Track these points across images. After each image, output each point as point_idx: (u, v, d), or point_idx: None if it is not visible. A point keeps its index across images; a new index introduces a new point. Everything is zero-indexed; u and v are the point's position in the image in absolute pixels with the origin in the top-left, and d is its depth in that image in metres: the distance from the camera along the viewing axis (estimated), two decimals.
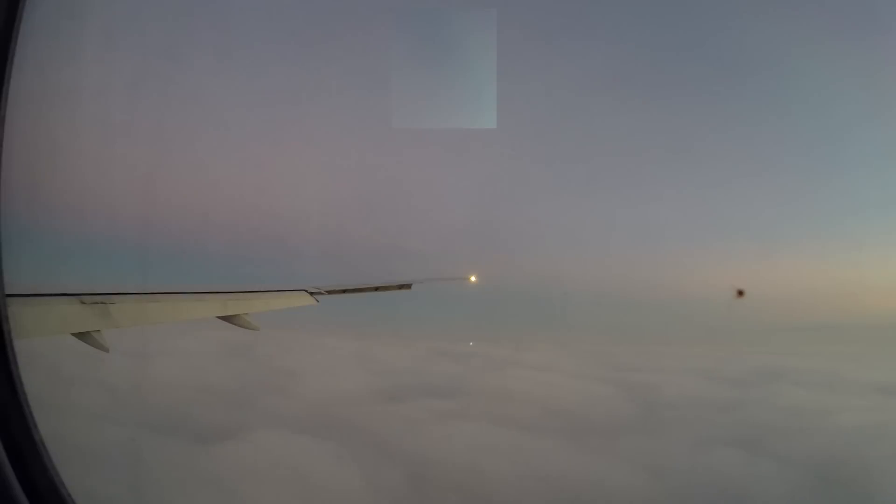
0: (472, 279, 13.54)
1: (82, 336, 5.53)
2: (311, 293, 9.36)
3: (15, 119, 3.09)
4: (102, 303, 5.79)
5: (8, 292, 3.14)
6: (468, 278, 13.58)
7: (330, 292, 9.81)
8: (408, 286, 11.34)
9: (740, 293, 14.53)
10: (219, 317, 7.58)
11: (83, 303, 5.62)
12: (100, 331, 5.63)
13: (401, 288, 11.28)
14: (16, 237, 3.38)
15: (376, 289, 10.96)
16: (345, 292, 10.28)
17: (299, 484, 19.08)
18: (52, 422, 3.14)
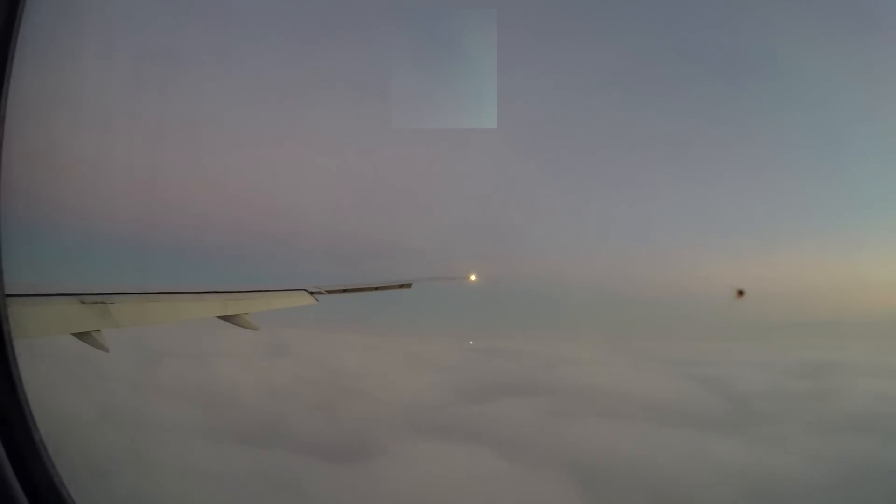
0: (473, 278, 13.55)
1: (82, 336, 5.53)
2: (312, 293, 9.37)
3: (15, 119, 3.09)
4: (102, 303, 5.80)
5: (8, 292, 3.14)
6: (468, 277, 13.58)
7: (330, 292, 9.81)
8: (408, 285, 11.34)
9: (740, 293, 14.52)
10: (219, 317, 7.59)
11: (83, 303, 5.62)
12: (100, 331, 5.64)
13: (401, 287, 11.29)
14: (16, 237, 3.38)
15: (376, 288, 10.97)
16: (345, 292, 10.28)
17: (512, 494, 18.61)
18: (52, 422, 3.14)
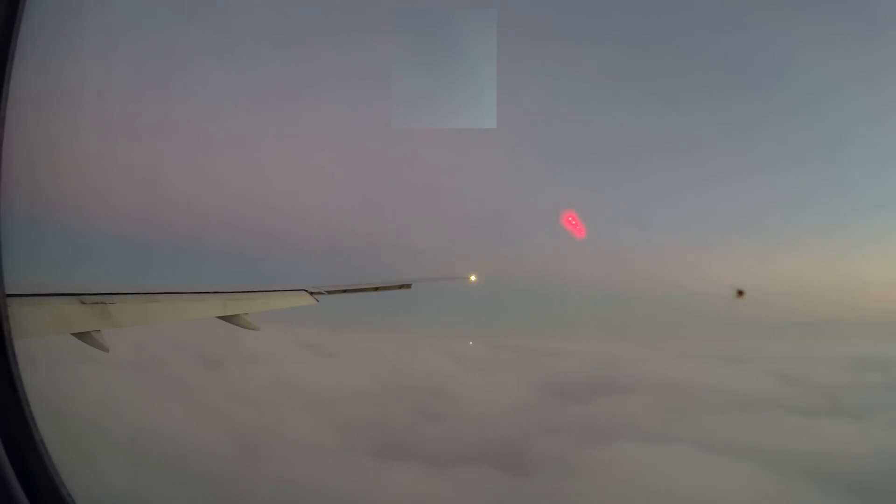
0: (472, 278, 13.51)
1: (82, 336, 5.52)
2: (312, 293, 9.35)
3: (15, 119, 3.09)
4: (102, 303, 5.79)
5: (8, 292, 3.13)
6: (468, 278, 13.55)
7: (330, 292, 9.80)
8: (408, 286, 11.32)
9: (740, 293, 14.51)
10: (219, 317, 7.57)
11: (83, 303, 5.61)
12: (100, 331, 5.63)
13: (401, 287, 11.27)
14: (16, 237, 3.37)
15: (376, 288, 10.94)
16: (345, 292, 10.26)
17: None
18: (52, 422, 3.14)
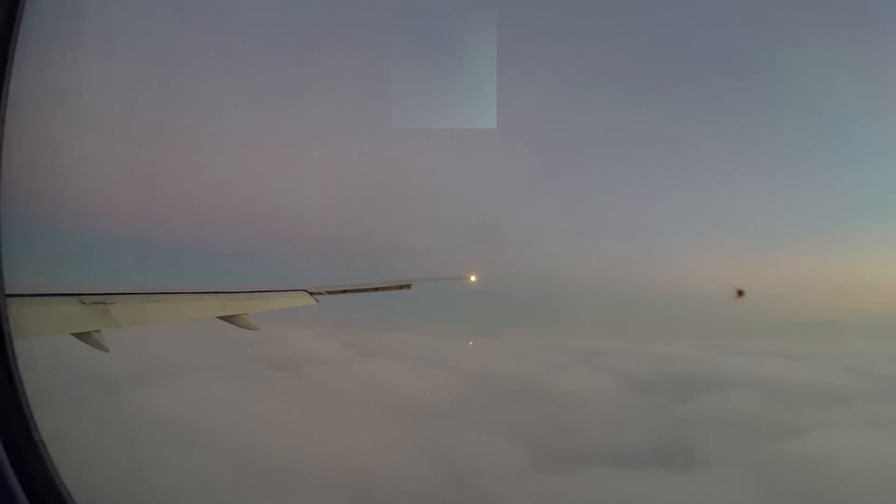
0: (472, 279, 13.51)
1: (82, 336, 5.52)
2: (311, 293, 9.35)
3: (15, 119, 3.09)
4: (102, 303, 5.79)
5: (8, 292, 3.13)
6: (468, 278, 13.55)
7: (330, 292, 9.80)
8: (408, 286, 11.33)
9: (740, 293, 14.53)
10: (219, 317, 7.58)
11: (83, 303, 5.62)
12: (100, 331, 5.63)
13: (401, 288, 11.27)
14: (16, 237, 3.37)
15: (376, 289, 10.95)
16: (345, 292, 10.27)
17: None
18: (52, 422, 3.14)
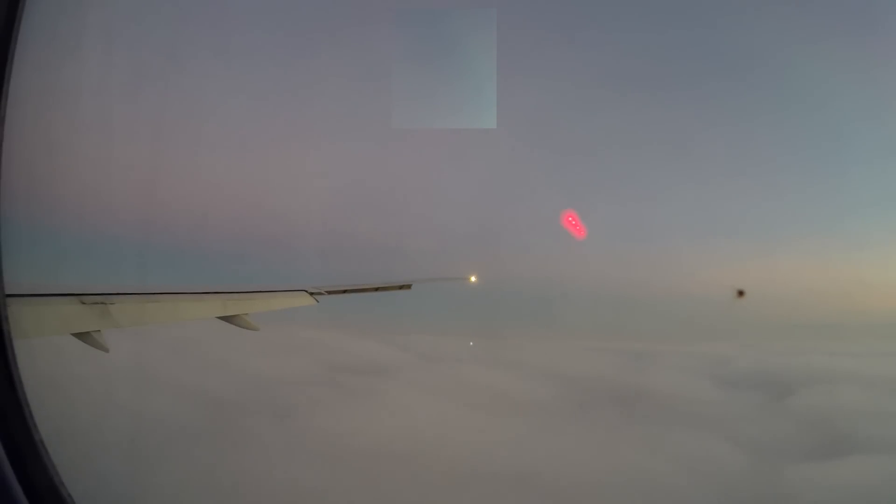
0: (472, 279, 13.51)
1: (82, 336, 5.52)
2: (311, 293, 9.35)
3: (15, 119, 3.09)
4: (102, 303, 5.79)
5: (8, 292, 3.13)
6: (468, 278, 13.55)
7: (330, 292, 9.80)
8: (408, 286, 11.33)
9: (740, 293, 14.52)
10: (219, 317, 7.57)
11: (83, 303, 5.61)
12: (100, 331, 5.62)
13: (401, 288, 11.27)
14: (16, 237, 3.37)
15: (376, 289, 10.95)
16: (345, 292, 10.26)
17: None
18: (52, 422, 3.14)
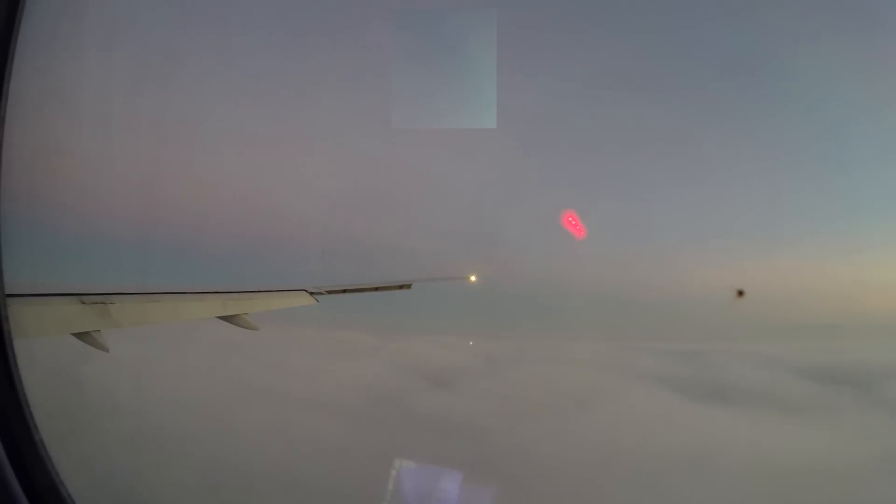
0: (473, 279, 13.52)
1: (82, 336, 5.52)
2: (311, 293, 9.36)
3: (15, 119, 3.09)
4: (102, 303, 5.79)
5: (8, 292, 3.13)
6: (468, 278, 13.56)
7: (330, 292, 9.81)
8: (408, 286, 11.34)
9: (740, 293, 14.53)
10: (219, 317, 7.58)
11: (83, 303, 5.61)
12: (100, 331, 5.63)
13: (401, 288, 11.28)
14: (16, 237, 3.37)
15: (376, 289, 10.96)
16: (345, 292, 10.28)
17: None
18: (52, 422, 3.14)
